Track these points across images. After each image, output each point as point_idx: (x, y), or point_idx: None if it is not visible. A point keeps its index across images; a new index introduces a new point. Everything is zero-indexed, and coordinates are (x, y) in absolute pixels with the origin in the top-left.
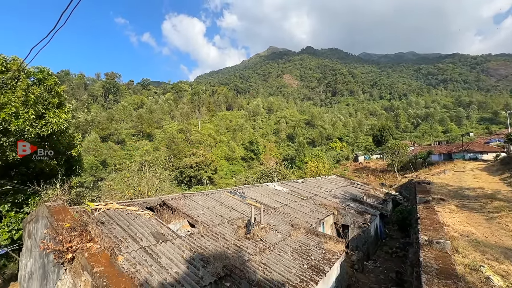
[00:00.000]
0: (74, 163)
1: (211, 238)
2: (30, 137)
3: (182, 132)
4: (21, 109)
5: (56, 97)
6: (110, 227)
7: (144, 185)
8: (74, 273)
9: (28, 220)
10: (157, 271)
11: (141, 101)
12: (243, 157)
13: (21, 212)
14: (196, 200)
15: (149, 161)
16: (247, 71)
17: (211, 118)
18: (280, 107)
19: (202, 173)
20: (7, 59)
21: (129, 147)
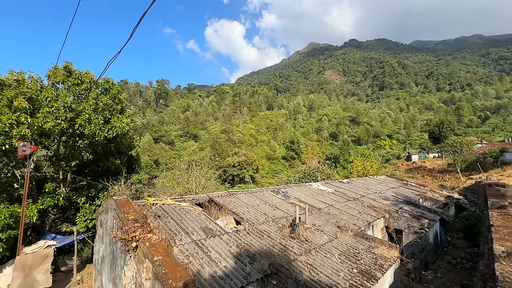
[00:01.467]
0: (133, 162)
1: (257, 236)
2: (99, 140)
3: (225, 133)
4: (92, 116)
5: (119, 104)
6: (166, 221)
7: (192, 183)
8: (138, 260)
9: (100, 211)
10: (207, 264)
11: (187, 104)
12: (284, 157)
13: (93, 204)
14: (240, 198)
15: (195, 161)
16: (287, 69)
17: (252, 118)
18: (322, 105)
19: (244, 172)
20: (82, 73)
21: (177, 148)
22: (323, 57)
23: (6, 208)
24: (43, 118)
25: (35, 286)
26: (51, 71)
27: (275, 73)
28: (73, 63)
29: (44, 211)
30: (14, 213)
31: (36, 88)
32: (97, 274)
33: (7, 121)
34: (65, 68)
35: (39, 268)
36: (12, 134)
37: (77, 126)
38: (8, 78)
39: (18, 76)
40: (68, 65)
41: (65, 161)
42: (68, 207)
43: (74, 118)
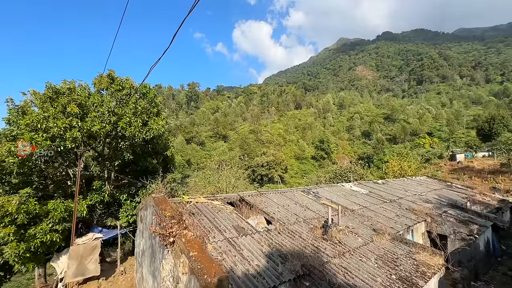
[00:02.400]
0: (168, 162)
1: (288, 236)
2: (138, 141)
3: (253, 133)
4: (132, 119)
5: (155, 107)
6: (200, 218)
7: (223, 182)
8: (175, 254)
9: (140, 207)
10: (240, 262)
11: (216, 106)
12: (314, 156)
13: (133, 201)
14: (271, 197)
15: (225, 160)
16: (315, 67)
17: (280, 117)
18: (353, 102)
19: (273, 172)
20: (123, 80)
21: (208, 148)
22: (354, 53)
23: (61, 203)
24: (91, 122)
25: (86, 273)
26: (97, 79)
27: (303, 71)
28: (115, 71)
29: (92, 207)
30: (68, 208)
31: (85, 95)
32: (138, 266)
33: (62, 125)
34: (108, 76)
35: (89, 258)
36: (66, 137)
37: (119, 129)
38: (62, 87)
39: (70, 84)
40: (111, 73)
41: (109, 161)
42: (112, 203)
43: (117, 121)
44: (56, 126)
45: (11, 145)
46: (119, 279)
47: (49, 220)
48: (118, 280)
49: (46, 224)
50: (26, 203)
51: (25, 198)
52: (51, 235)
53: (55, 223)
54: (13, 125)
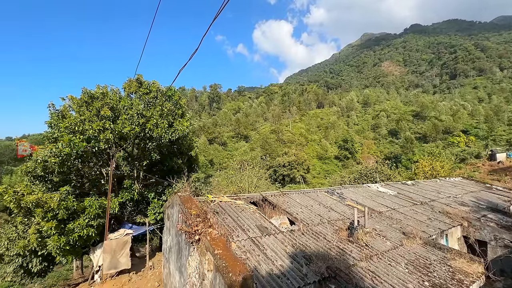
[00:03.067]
0: (193, 161)
1: (312, 237)
2: (165, 142)
3: (274, 133)
4: (159, 120)
5: (180, 109)
6: (223, 217)
7: (245, 182)
8: (200, 252)
9: (167, 205)
10: (264, 261)
11: (238, 107)
12: (337, 156)
13: (160, 199)
14: (293, 198)
15: (247, 160)
16: (338, 64)
17: (301, 117)
18: (379, 99)
19: (295, 172)
20: (150, 83)
21: (230, 148)
22: (379, 48)
23: (96, 200)
24: (121, 124)
25: (118, 267)
26: (126, 83)
27: (325, 69)
28: (143, 75)
29: (123, 204)
30: (102, 205)
31: (116, 98)
32: (165, 262)
33: (96, 128)
34: (137, 80)
35: (121, 252)
36: (100, 138)
37: (147, 130)
38: (96, 92)
39: (103, 89)
40: (139, 77)
41: (138, 161)
42: (140, 201)
43: (145, 123)
44: (91, 128)
45: (53, 147)
46: (148, 274)
47: (86, 216)
48: (147, 275)
49: (83, 220)
50: (66, 200)
51: (65, 195)
52: (87, 230)
53: (90, 218)
54: (54, 128)
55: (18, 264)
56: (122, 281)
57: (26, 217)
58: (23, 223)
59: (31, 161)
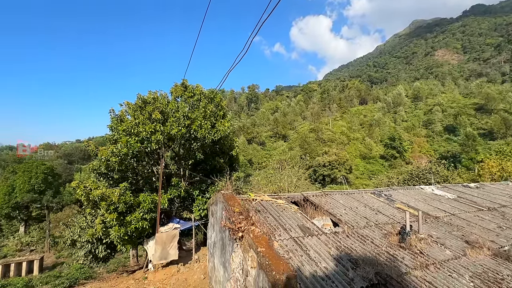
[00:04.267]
0: (233, 161)
1: (358, 240)
2: (208, 142)
3: (313, 132)
4: (202, 122)
5: (221, 110)
6: (265, 216)
7: (285, 182)
8: (244, 249)
9: (211, 203)
10: (307, 262)
11: (276, 106)
12: (383, 155)
13: (204, 196)
14: (336, 198)
15: (286, 160)
16: (383, 57)
17: (342, 114)
18: (432, 92)
19: (336, 172)
20: (194, 87)
21: (268, 148)
22: (431, 35)
23: (149, 196)
24: (170, 126)
25: (168, 258)
26: (173, 88)
27: (368, 63)
28: (187, 80)
29: (171, 200)
30: (154, 200)
31: (165, 102)
32: (210, 256)
33: (149, 130)
34: (182, 84)
35: (170, 245)
36: (151, 139)
37: (192, 131)
38: (148, 97)
39: (154, 94)
40: (184, 82)
41: (184, 160)
42: (186, 198)
43: (190, 125)
44: (144, 130)
45: (113, 147)
46: (194, 266)
47: (140, 210)
48: (193, 267)
49: (138, 213)
50: (124, 195)
51: (123, 191)
52: (142, 222)
53: (144, 212)
54: (114, 131)
55: (87, 250)
56: (172, 271)
57: (93, 209)
58: (91, 214)
59: (97, 160)
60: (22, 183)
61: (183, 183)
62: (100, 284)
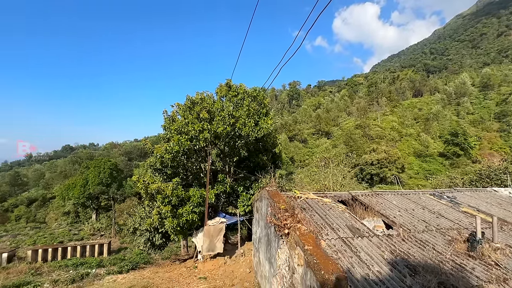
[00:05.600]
0: (276, 158)
1: (416, 245)
2: (251, 139)
3: (359, 128)
4: (246, 120)
5: (264, 108)
6: (311, 214)
7: (329, 180)
8: (290, 245)
9: (255, 199)
10: (358, 264)
11: (318, 102)
12: (442, 153)
13: (248, 193)
14: (388, 199)
15: (330, 158)
16: (442, 42)
17: (393, 109)
18: (507, 79)
19: (386, 171)
20: (237, 86)
21: (310, 145)
22: (505, 12)
23: (197, 191)
24: (216, 124)
25: (215, 250)
26: (218, 88)
27: (423, 50)
28: (231, 80)
29: (218, 195)
30: (202, 195)
31: (211, 102)
32: (255, 251)
33: (197, 128)
34: (226, 84)
35: (217, 238)
36: (199, 138)
37: (236, 129)
38: (196, 98)
39: (201, 95)
40: (229, 82)
41: (229, 157)
42: (231, 193)
43: (234, 123)
44: (193, 129)
45: (167, 145)
46: (240, 260)
47: (190, 203)
48: (239, 260)
49: (188, 207)
50: (176, 189)
51: (176, 185)
52: (192, 215)
53: (194, 206)
54: (167, 130)
55: (146, 237)
56: (219, 262)
57: (150, 201)
58: (149, 205)
59: (153, 157)
60: (93, 177)
61: (228, 179)
62: (157, 269)
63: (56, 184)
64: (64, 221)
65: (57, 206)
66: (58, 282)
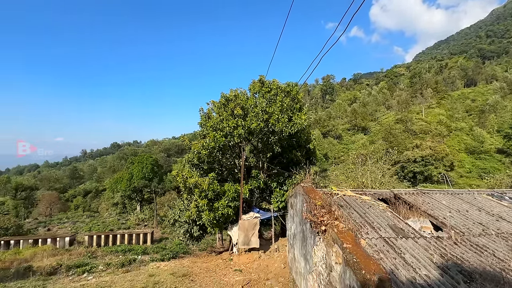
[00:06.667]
0: (310, 154)
1: (471, 250)
2: (285, 135)
3: (400, 122)
4: (280, 116)
5: (298, 103)
6: (348, 211)
7: (367, 177)
8: (327, 243)
9: (290, 195)
10: (402, 266)
11: (353, 96)
12: (501, 149)
13: (282, 189)
14: (437, 198)
15: (367, 155)
16: (502, 23)
17: (440, 100)
18: None
19: (431, 169)
20: (270, 82)
21: (345, 141)
22: None
23: (232, 186)
24: (249, 120)
25: (250, 244)
26: (251, 84)
27: (477, 33)
28: (264, 76)
29: (252, 191)
30: (236, 190)
31: (244, 99)
32: (290, 247)
33: (232, 125)
34: (259, 81)
35: (252, 232)
36: (234, 134)
37: (270, 125)
38: (230, 95)
39: (235, 92)
40: (262, 78)
41: (262, 153)
42: (265, 189)
43: (268, 119)
44: (227, 126)
45: (203, 141)
46: (274, 255)
47: (226, 198)
48: (273, 256)
49: (224, 201)
50: (212, 184)
51: (212, 180)
52: (227, 209)
53: (229, 200)
54: (203, 127)
55: (185, 229)
56: (254, 257)
57: (189, 195)
58: (187, 199)
59: (190, 153)
60: (137, 171)
61: (262, 175)
62: (195, 259)
63: (106, 178)
64: (114, 211)
65: (107, 197)
66: (110, 265)
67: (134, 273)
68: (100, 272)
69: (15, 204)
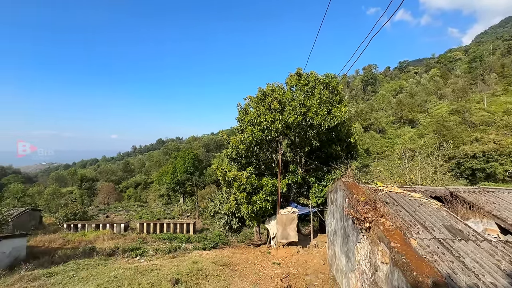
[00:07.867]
0: (351, 149)
1: None
2: (324, 129)
3: (456, 113)
4: (318, 109)
5: (338, 95)
6: (396, 209)
7: (417, 173)
8: (371, 241)
9: (330, 190)
10: (461, 271)
11: (399, 86)
12: None
13: (320, 184)
14: (504, 198)
15: (416, 149)
16: None
17: (507, 87)
18: None
19: (495, 166)
20: (308, 74)
21: (389, 135)
22: None
23: (270, 180)
24: (287, 114)
25: (288, 238)
26: (288, 78)
27: None
28: (302, 68)
29: (289, 185)
30: (274, 184)
31: (281, 93)
32: (330, 244)
33: (269, 119)
34: (296, 73)
35: (290, 226)
36: (271, 128)
37: (308, 119)
38: (267, 89)
39: (272, 86)
40: (299, 71)
41: (299, 148)
42: (302, 184)
43: (305, 112)
44: (265, 120)
45: (241, 136)
46: (313, 251)
47: (263, 192)
48: (312, 251)
49: (261, 195)
50: (250, 178)
51: (250, 174)
52: (265, 203)
53: (267, 194)
54: (241, 122)
55: (225, 220)
56: (292, 251)
57: (228, 188)
58: (226, 192)
59: (229, 148)
60: (180, 166)
61: (300, 170)
62: (234, 250)
63: (153, 171)
64: (160, 202)
65: (154, 189)
66: (158, 251)
67: (179, 259)
68: (150, 256)
69: (81, 193)
